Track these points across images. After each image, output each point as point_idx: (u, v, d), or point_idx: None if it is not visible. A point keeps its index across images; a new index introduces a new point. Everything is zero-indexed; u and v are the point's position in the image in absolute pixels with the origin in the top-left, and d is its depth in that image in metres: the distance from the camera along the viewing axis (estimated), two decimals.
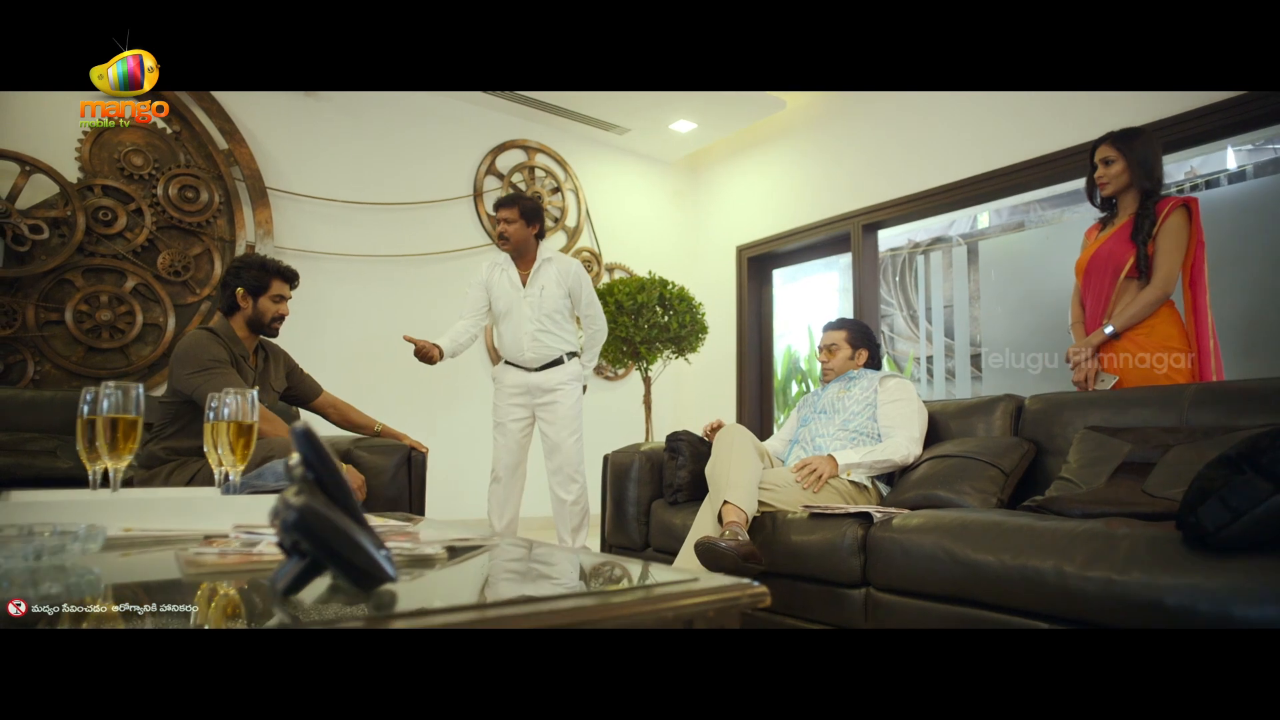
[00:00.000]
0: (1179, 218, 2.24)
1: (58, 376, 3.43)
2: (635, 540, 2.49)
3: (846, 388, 2.44)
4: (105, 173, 3.55)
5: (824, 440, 2.34)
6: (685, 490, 2.38)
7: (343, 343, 4.21)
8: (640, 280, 4.01)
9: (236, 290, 2.25)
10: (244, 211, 3.90)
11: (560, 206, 5.07)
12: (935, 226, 5.48)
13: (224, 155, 3.83)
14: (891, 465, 2.18)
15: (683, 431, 2.48)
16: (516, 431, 3.03)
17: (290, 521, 0.59)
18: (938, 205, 4.19)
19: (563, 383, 2.99)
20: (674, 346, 4.06)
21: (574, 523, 2.98)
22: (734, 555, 1.71)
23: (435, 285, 4.49)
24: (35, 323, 3.36)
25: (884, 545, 1.70)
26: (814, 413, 2.46)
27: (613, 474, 2.61)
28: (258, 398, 2.34)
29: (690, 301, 4.07)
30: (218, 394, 1.16)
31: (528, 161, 4.98)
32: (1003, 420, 2.19)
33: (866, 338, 2.56)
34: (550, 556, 0.95)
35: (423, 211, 4.52)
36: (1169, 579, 1.18)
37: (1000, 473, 1.92)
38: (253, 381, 2.28)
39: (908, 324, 5.79)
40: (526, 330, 2.99)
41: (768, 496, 2.05)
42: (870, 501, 2.18)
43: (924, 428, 2.27)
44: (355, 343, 4.26)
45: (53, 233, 3.40)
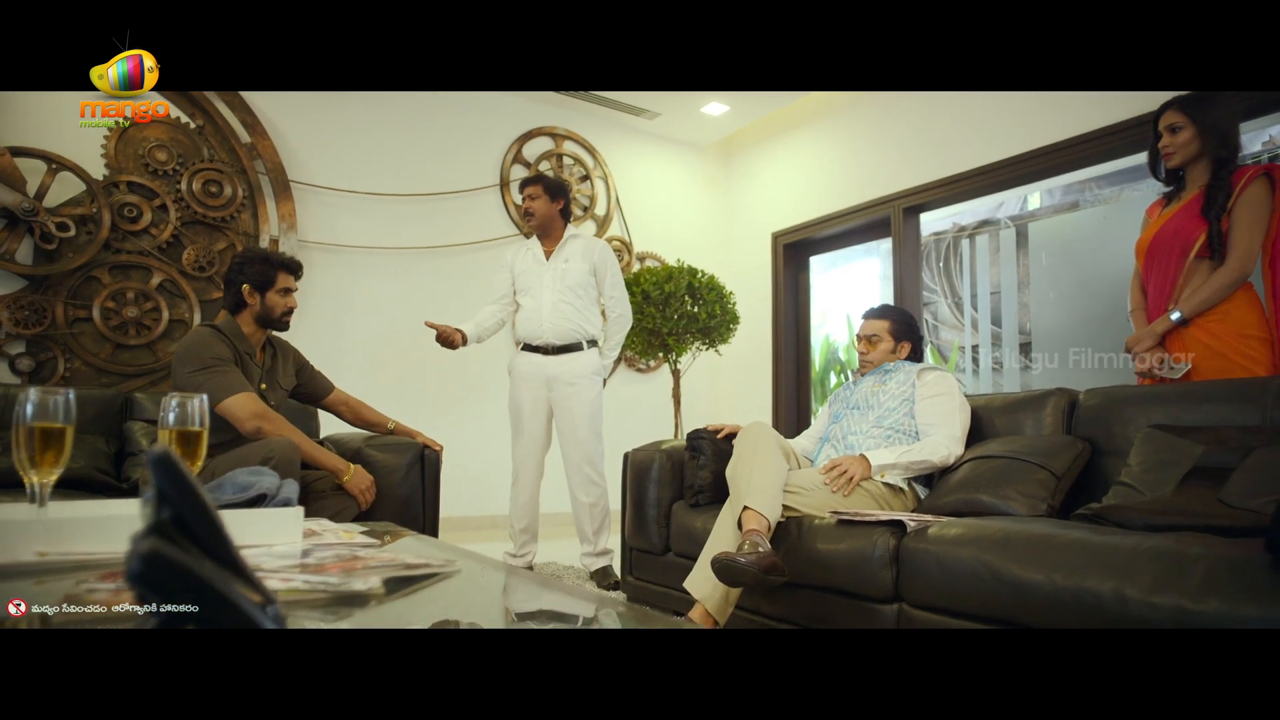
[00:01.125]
0: (1260, 189, 2.00)
1: (87, 374, 3.45)
2: (655, 544, 2.37)
3: (882, 381, 2.27)
4: (131, 169, 3.55)
5: (856, 438, 2.17)
6: (707, 491, 2.25)
7: (368, 336, 4.17)
8: (668, 269, 3.87)
9: (242, 287, 2.18)
10: (267, 205, 3.86)
11: (589, 195, 4.95)
12: (982, 208, 5.21)
13: (247, 149, 3.80)
14: (930, 466, 2.00)
15: (705, 429, 2.34)
16: (534, 425, 2.91)
17: (134, 573, 0.47)
18: (984, 185, 3.94)
19: (581, 375, 2.86)
20: (703, 338, 3.91)
21: (595, 524, 2.86)
22: (754, 571, 1.57)
23: (461, 276, 4.41)
24: (65, 320, 3.38)
25: (918, 557, 1.54)
26: (846, 408, 2.29)
27: (632, 473, 2.48)
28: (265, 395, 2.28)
29: (720, 290, 3.92)
30: (166, 397, 1.06)
31: (555, 149, 4.87)
32: (1054, 417, 2.00)
33: (910, 329, 2.37)
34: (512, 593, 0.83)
35: (448, 202, 4.45)
36: (1255, 609, 1.01)
37: (1051, 475, 1.73)
38: (259, 379, 2.21)
39: (952, 312, 5.53)
40: (547, 301, 2.87)
41: (793, 500, 1.90)
42: (906, 505, 2.02)
43: (966, 425, 2.09)
44: (380, 336, 4.21)
45: (80, 230, 3.41)
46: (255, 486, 0.99)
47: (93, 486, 2.24)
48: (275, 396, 2.26)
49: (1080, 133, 3.45)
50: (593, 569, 2.88)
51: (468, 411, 4.34)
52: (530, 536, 2.94)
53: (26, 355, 3.33)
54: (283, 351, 2.37)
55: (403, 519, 2.38)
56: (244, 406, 1.99)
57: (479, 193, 4.54)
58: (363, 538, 1.02)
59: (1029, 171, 3.76)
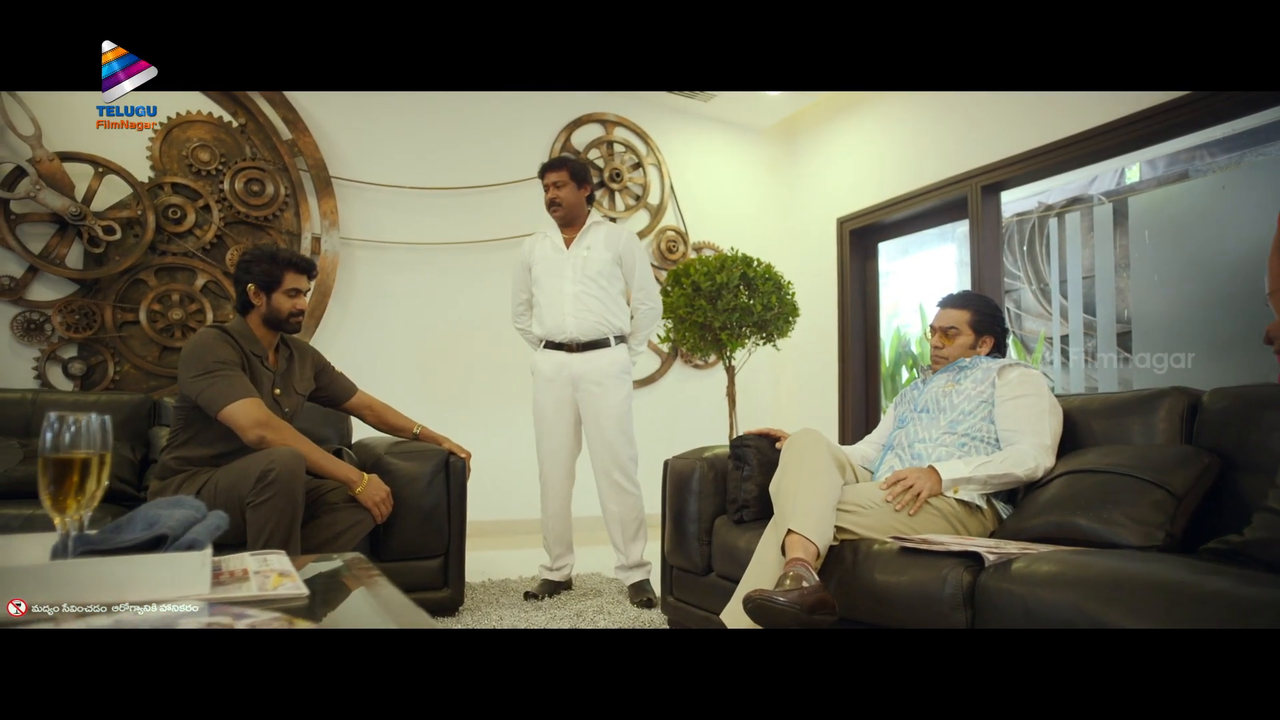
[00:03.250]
0: None
1: (136, 377, 3.45)
2: (696, 563, 2.13)
3: (955, 380, 1.96)
4: (175, 170, 3.53)
5: (925, 447, 1.88)
6: (753, 506, 1.99)
7: (413, 334, 4.07)
8: (720, 258, 3.60)
9: (248, 287, 2.06)
10: (309, 202, 3.80)
11: (642, 183, 4.72)
12: (1070, 185, 4.73)
13: (288, 145, 3.74)
14: (1013, 481, 1.70)
15: (750, 434, 2.09)
16: (560, 429, 2.69)
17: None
18: (1075, 158, 3.52)
19: (609, 374, 2.63)
20: (760, 331, 3.64)
21: (627, 534, 2.64)
22: (794, 612, 1.31)
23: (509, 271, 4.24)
24: (113, 324, 3.39)
25: (998, 600, 1.25)
26: (914, 411, 2.00)
27: (672, 483, 2.25)
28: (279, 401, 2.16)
29: (777, 280, 3.62)
30: (49, 412, 0.88)
31: (605, 136, 4.66)
32: (1169, 422, 1.66)
33: (994, 321, 2.05)
34: None
35: (495, 194, 4.30)
36: None
37: (1168, 496, 1.41)
38: (272, 384, 2.08)
39: (1037, 299, 5.06)
40: (568, 293, 2.64)
41: (848, 520, 1.63)
42: (984, 527, 1.72)
43: (1058, 432, 1.78)
44: (426, 333, 4.10)
45: (126, 233, 3.41)
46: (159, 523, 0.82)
47: (110, 496, 2.17)
48: (291, 402, 2.14)
49: (1188, 93, 3.00)
50: (628, 583, 2.66)
51: (517, 408, 4.18)
52: (565, 549, 2.75)
53: (78, 359, 3.35)
54: (300, 353, 2.23)
55: (425, 533, 2.23)
56: (247, 414, 1.86)
57: (528, 184, 4.36)
58: (290, 586, 0.83)
59: (1128, 139, 3.32)
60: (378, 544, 2.18)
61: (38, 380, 3.27)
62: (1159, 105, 3.09)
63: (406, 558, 2.21)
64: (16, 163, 3.17)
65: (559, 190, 2.66)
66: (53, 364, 3.31)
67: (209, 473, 1.91)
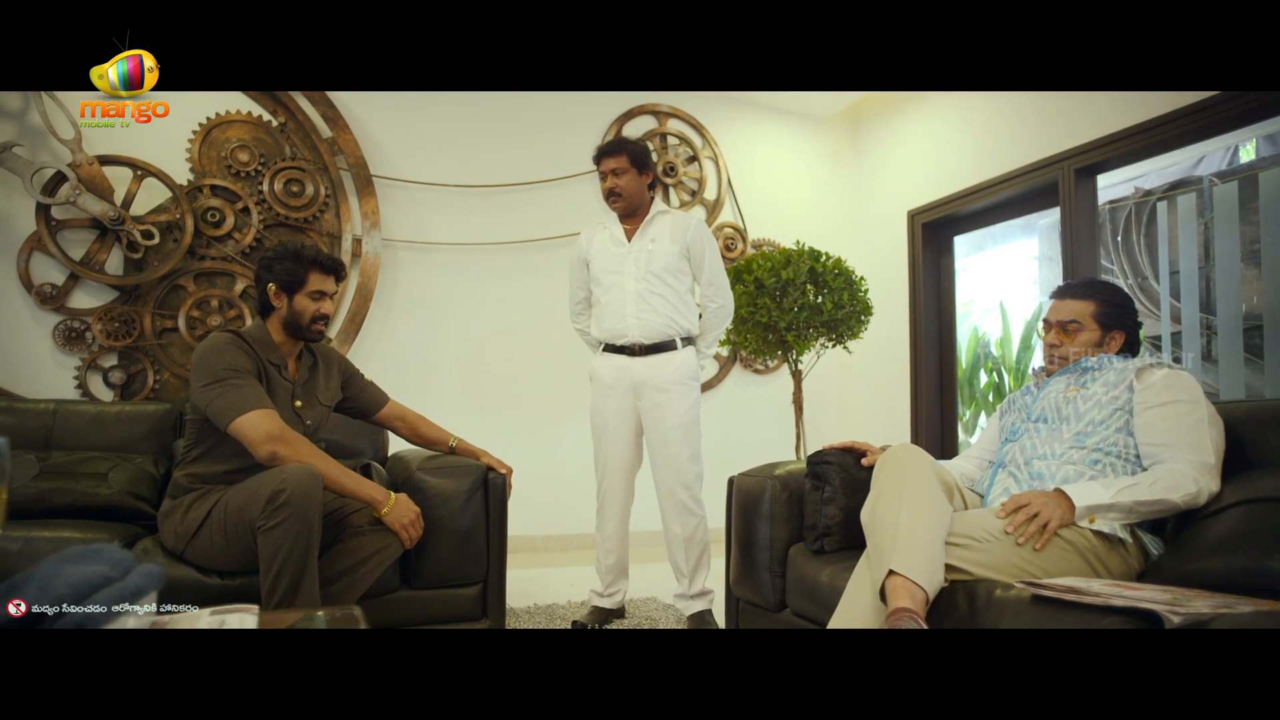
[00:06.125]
0: None
1: (176, 385, 3.34)
2: (767, 597, 1.84)
3: (1081, 383, 1.64)
4: (214, 172, 3.42)
5: (1046, 464, 1.56)
6: (835, 534, 1.70)
7: (458, 338, 3.88)
8: (785, 253, 3.31)
9: (268, 286, 1.86)
10: (350, 203, 3.65)
11: (697, 177, 4.46)
12: (1172, 168, 4.27)
13: (328, 144, 3.60)
14: (1168, 509, 1.37)
15: (832, 448, 1.79)
16: (621, 441, 2.43)
17: None
18: (1180, 135, 3.12)
19: (674, 380, 2.36)
20: (829, 333, 3.33)
21: (691, 560, 2.36)
22: None
23: (558, 270, 4.01)
24: (153, 331, 3.29)
25: None
26: (1028, 420, 1.68)
27: (738, 505, 1.97)
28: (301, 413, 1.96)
29: (849, 276, 3.31)
30: None
31: (659, 128, 4.42)
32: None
33: (1125, 314, 1.71)
34: None
35: (543, 191, 4.09)
36: None
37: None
38: (293, 395, 1.89)
39: (1135, 295, 4.59)
40: (630, 290, 2.38)
41: (959, 557, 1.33)
42: (1128, 566, 1.39)
43: (1221, 448, 1.44)
44: (474, 337, 3.91)
45: (165, 237, 3.31)
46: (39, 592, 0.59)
47: (121, 514, 2.01)
48: (314, 414, 1.93)
49: None
50: (687, 613, 2.39)
51: (568, 415, 3.96)
52: (619, 573, 2.48)
53: (118, 368, 3.25)
54: (325, 361, 2.03)
55: (461, 558, 2.00)
56: (257, 427, 1.65)
57: (577, 180, 4.15)
58: None
59: (1240, 113, 2.92)
60: (408, 571, 1.96)
61: (79, 390, 3.19)
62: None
63: (440, 585, 1.99)
64: (57, 168, 3.10)
65: (618, 178, 2.40)
66: (93, 373, 3.23)
67: (221, 491, 1.72)
